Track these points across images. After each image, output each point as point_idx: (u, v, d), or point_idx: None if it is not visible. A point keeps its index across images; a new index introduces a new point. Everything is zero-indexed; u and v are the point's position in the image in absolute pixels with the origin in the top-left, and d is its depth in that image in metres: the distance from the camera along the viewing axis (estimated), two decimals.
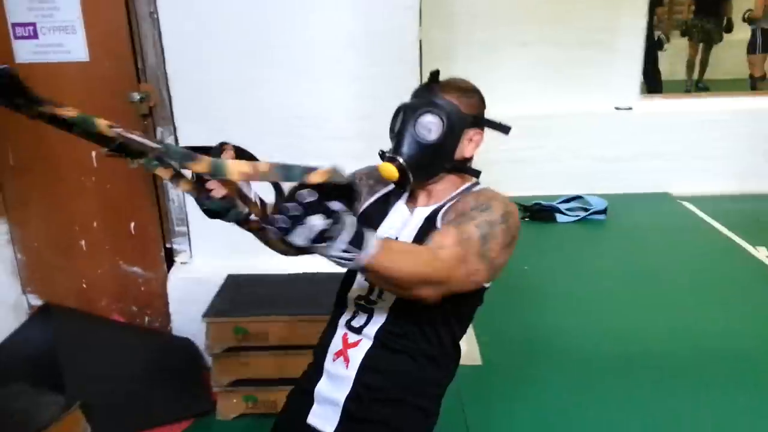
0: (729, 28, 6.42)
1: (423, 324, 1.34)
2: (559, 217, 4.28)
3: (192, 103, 2.42)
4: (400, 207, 1.45)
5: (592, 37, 4.74)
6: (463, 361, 2.61)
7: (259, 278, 2.53)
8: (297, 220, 0.90)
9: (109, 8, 2.35)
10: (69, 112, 0.88)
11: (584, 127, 4.79)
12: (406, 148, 1.29)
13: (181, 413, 2.36)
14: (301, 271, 2.56)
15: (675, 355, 2.69)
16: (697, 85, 6.48)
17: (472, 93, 1.38)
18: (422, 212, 1.38)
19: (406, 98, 2.42)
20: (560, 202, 4.41)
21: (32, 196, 2.62)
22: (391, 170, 1.27)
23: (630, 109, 4.86)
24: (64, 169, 2.56)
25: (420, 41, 2.39)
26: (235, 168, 0.89)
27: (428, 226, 1.33)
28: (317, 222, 0.91)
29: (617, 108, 4.86)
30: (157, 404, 2.35)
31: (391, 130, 1.36)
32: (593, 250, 3.79)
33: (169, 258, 2.71)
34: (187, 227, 2.65)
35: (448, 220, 1.30)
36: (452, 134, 1.31)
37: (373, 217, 1.44)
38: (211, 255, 2.67)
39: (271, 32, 2.36)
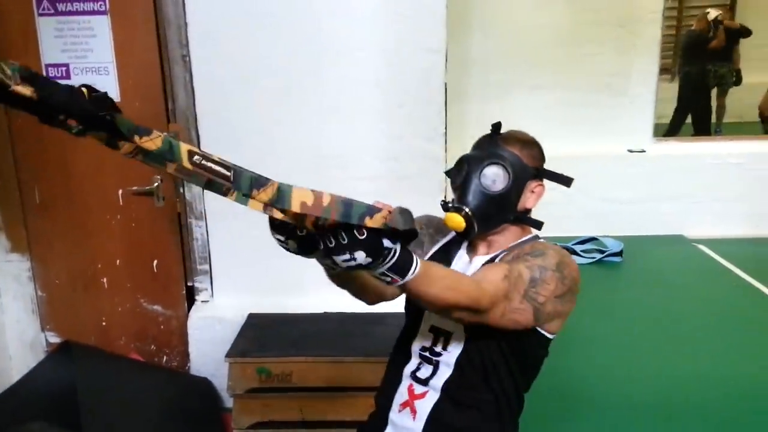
0: (738, 81, 6.49)
1: (489, 376, 1.34)
2: (575, 259, 4.25)
3: (219, 143, 2.44)
4: (462, 255, 1.45)
5: (604, 81, 4.80)
6: None
7: (281, 318, 2.51)
8: (344, 249, 0.92)
9: (142, 51, 2.41)
10: (153, 143, 0.86)
11: (597, 169, 4.79)
12: (471, 198, 1.29)
13: None
14: (323, 311, 2.55)
15: (700, 401, 2.63)
16: (715, 130, 6.49)
17: (532, 145, 1.39)
18: (481, 260, 1.39)
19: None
20: (575, 244, 4.40)
21: (56, 234, 2.64)
22: (458, 221, 1.27)
23: (643, 151, 4.89)
24: (89, 207, 2.59)
25: (445, 84, 2.42)
26: (297, 197, 0.90)
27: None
28: (360, 257, 0.93)
29: (630, 150, 4.89)
30: None
31: (453, 180, 1.36)
32: (611, 293, 3.75)
33: (190, 296, 2.71)
34: (210, 266, 2.65)
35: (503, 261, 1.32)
36: (516, 186, 1.31)
37: None
38: (233, 293, 2.67)
39: (300, 73, 2.40)
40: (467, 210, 1.28)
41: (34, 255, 2.67)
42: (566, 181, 1.34)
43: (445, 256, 1.47)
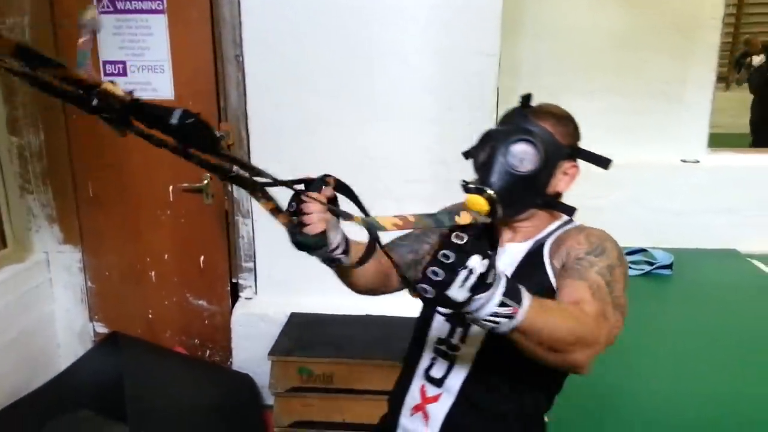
0: None
1: (514, 377, 1.20)
2: None
3: (268, 142, 2.47)
4: None
5: (659, 88, 4.66)
6: None
7: (323, 318, 2.52)
8: (455, 267, 0.82)
9: (196, 50, 2.44)
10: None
11: (649, 178, 4.67)
12: (496, 179, 1.13)
13: None
14: (365, 313, 2.54)
15: (749, 421, 2.54)
16: None
17: (567, 121, 1.24)
18: (518, 247, 1.24)
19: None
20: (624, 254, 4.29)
21: (108, 227, 2.70)
22: (479, 203, 1.09)
23: (697, 162, 4.74)
24: (141, 202, 2.63)
25: (498, 88, 2.39)
26: (387, 221, 0.92)
27: (532, 262, 1.20)
28: (477, 264, 0.83)
29: (684, 161, 4.74)
30: None
31: (475, 158, 1.21)
32: (660, 307, 3.64)
33: (234, 293, 2.73)
34: (254, 263, 2.67)
35: (561, 261, 1.16)
36: (547, 166, 1.17)
37: None
38: (276, 292, 2.69)
39: (351, 75, 2.40)
40: (490, 191, 1.09)
41: (86, 247, 2.73)
42: (604, 162, 1.19)
43: None
